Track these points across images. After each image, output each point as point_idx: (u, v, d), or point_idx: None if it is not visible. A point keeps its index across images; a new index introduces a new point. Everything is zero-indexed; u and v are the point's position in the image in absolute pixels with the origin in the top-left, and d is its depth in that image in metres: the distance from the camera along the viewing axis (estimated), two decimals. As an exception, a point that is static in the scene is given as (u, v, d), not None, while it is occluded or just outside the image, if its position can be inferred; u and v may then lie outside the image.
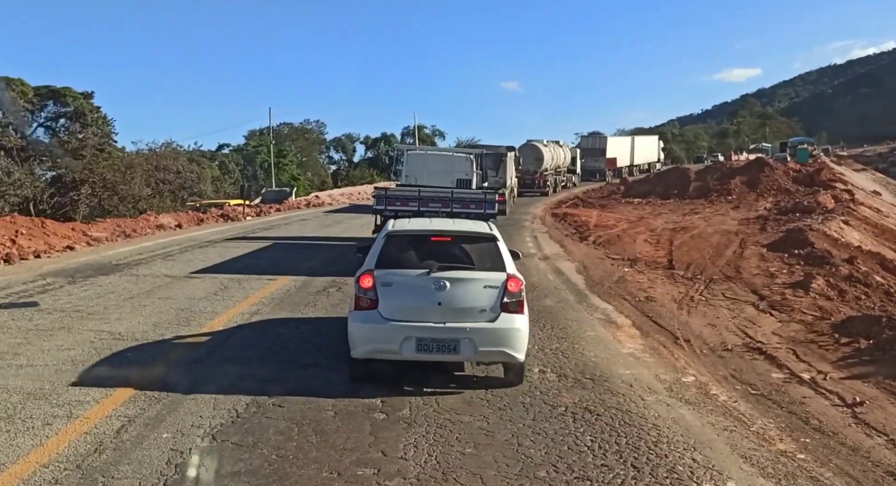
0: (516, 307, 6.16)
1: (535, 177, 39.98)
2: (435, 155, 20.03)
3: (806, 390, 6.65)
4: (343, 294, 10.37)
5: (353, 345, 6.12)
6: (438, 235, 6.82)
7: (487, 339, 6.01)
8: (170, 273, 12.21)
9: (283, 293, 10.59)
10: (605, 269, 13.88)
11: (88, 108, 39.91)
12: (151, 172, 44.65)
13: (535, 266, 14.11)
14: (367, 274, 6.18)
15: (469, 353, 6.07)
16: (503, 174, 26.58)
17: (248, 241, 17.74)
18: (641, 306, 10.42)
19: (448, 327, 5.98)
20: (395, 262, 6.28)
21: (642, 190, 38.70)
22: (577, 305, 10.41)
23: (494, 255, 6.43)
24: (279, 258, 14.48)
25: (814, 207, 23.98)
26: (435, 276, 6.05)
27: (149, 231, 18.91)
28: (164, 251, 15.24)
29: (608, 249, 17.12)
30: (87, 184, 34.66)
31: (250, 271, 12.55)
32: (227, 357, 7.08)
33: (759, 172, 35.10)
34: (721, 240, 17.33)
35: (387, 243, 6.48)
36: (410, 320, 6.00)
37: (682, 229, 20.75)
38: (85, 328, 8.07)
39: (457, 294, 6.05)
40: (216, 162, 62.98)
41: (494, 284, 6.13)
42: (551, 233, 21.38)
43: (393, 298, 6.08)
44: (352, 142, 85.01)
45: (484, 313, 6.06)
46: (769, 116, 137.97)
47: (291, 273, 12.37)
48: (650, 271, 13.62)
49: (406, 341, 5.94)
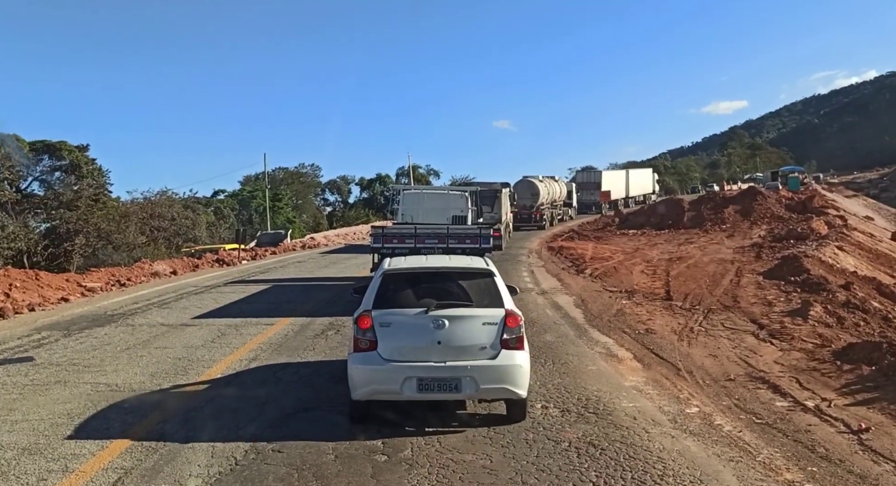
0: (516, 344, 6.15)
1: (532, 211, 40.89)
2: (430, 193, 20.36)
3: (811, 417, 6.58)
4: (342, 337, 10.32)
5: (354, 387, 6.06)
6: (435, 272, 6.80)
7: (489, 376, 5.97)
8: (166, 322, 12.13)
9: (282, 338, 10.52)
10: (603, 302, 13.86)
11: (84, 160, 40.24)
12: (146, 220, 44.86)
13: (533, 301, 14.09)
14: (364, 315, 6.14)
15: (471, 391, 6.01)
16: (498, 210, 26.89)
17: (244, 285, 17.69)
18: (642, 338, 10.38)
19: (449, 365, 5.95)
20: (392, 301, 6.26)
21: (637, 221, 38.90)
22: (577, 339, 10.36)
23: (492, 291, 6.42)
24: (276, 302, 14.41)
25: (807, 234, 24.14)
26: (433, 314, 6.03)
27: (144, 279, 18.77)
28: (159, 299, 15.15)
29: (605, 281, 17.12)
30: (81, 234, 34.76)
31: (247, 316, 12.49)
32: (226, 405, 6.99)
33: (752, 200, 35.40)
34: (717, 269, 17.37)
35: (383, 282, 6.44)
36: (410, 360, 5.97)
37: (678, 259, 20.79)
38: (81, 381, 7.99)
39: (456, 332, 6.02)
40: (211, 208, 63.28)
41: (493, 320, 6.12)
42: (548, 267, 21.39)
43: (392, 338, 6.04)
44: (346, 183, 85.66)
45: (484, 351, 6.03)
46: (759, 147, 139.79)
47: (289, 316, 12.32)
48: (648, 302, 13.60)
49: (407, 382, 5.91)
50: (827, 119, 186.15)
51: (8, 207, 33.56)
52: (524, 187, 40.73)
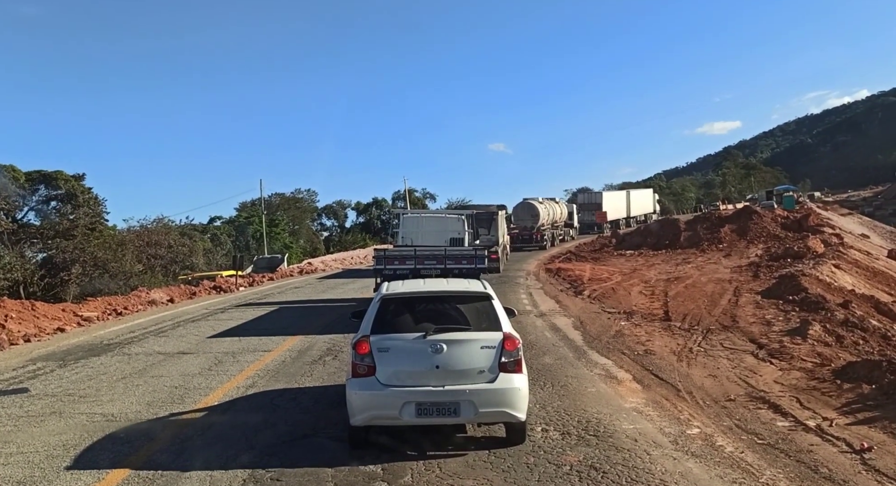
0: (514, 367, 6.11)
1: (533, 232, 41.87)
2: (428, 217, 21.54)
3: (812, 437, 6.55)
4: (339, 362, 10.27)
5: (353, 413, 6.02)
6: (433, 296, 6.78)
7: (487, 400, 5.94)
8: (163, 350, 12.06)
9: (279, 364, 10.46)
10: (601, 323, 13.83)
11: (80, 189, 40.33)
12: (143, 249, 44.82)
13: (531, 323, 14.06)
14: (363, 340, 6.11)
15: (470, 415, 5.97)
16: (495, 232, 26.97)
17: (240, 311, 17.64)
18: (641, 359, 10.34)
19: (447, 389, 5.91)
20: (390, 326, 6.24)
21: (634, 242, 38.96)
22: (576, 361, 10.32)
23: (490, 314, 6.41)
24: (273, 328, 14.33)
25: (804, 252, 24.16)
26: (431, 339, 6.01)
27: (140, 308, 18.65)
28: (156, 327, 15.06)
29: (604, 302, 17.10)
30: (77, 263, 34.71)
31: (244, 343, 12.44)
32: (223, 433, 6.93)
33: (748, 219, 35.51)
34: (715, 289, 17.37)
35: (381, 306, 6.43)
36: (409, 384, 5.94)
37: (676, 280, 20.80)
38: (77, 412, 7.91)
39: (454, 356, 5.99)
40: (208, 235, 63.30)
41: (491, 344, 6.09)
42: (546, 288, 21.37)
43: (390, 363, 6.01)
44: (343, 208, 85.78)
45: (482, 374, 6.00)
46: (753, 167, 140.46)
47: (286, 343, 12.27)
48: (647, 323, 13.57)
49: (406, 406, 5.87)
50: (820, 138, 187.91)
51: (4, 238, 33.54)
52: (525, 209, 42.00)
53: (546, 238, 43.17)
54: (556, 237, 46.47)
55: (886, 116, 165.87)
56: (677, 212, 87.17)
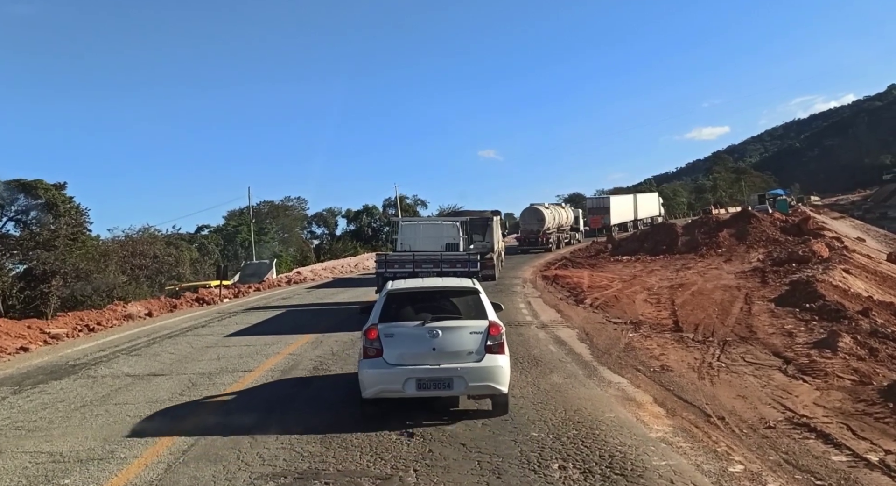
0: (498, 349, 7.19)
1: (538, 235, 44.41)
2: (425, 224, 22.18)
3: (879, 476, 5.59)
4: (325, 383, 9.28)
5: (364, 387, 7.07)
6: (430, 291, 7.94)
7: (476, 376, 7.03)
8: (133, 372, 10.97)
9: (258, 389, 9.42)
10: (608, 335, 12.88)
11: (61, 198, 39.01)
12: (127, 259, 43.69)
13: (533, 336, 13.09)
14: (372, 328, 7.19)
15: (461, 388, 7.07)
16: (490, 238, 26.24)
17: (222, 325, 16.59)
18: (658, 377, 9.38)
19: (442, 367, 7.01)
20: (395, 316, 7.33)
21: (630, 247, 38.16)
22: (587, 380, 9.34)
23: (478, 305, 7.50)
24: (255, 346, 13.25)
25: (809, 257, 23.37)
26: (429, 326, 7.14)
27: (115, 322, 17.45)
28: (129, 345, 13.96)
29: (607, 312, 16.16)
30: (58, 275, 33.54)
31: (223, 364, 11.38)
32: (192, 474, 5.88)
33: (747, 223, 34.78)
34: (724, 296, 16.47)
35: (387, 300, 7.54)
36: (411, 364, 7.02)
37: (680, 287, 19.92)
38: (20, 450, 6.84)
39: (448, 340, 7.10)
40: (195, 244, 62.12)
41: (479, 330, 7.19)
42: (545, 297, 20.44)
43: (395, 346, 7.09)
44: (333, 216, 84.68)
45: (471, 355, 7.09)
46: (743, 171, 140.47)
47: (268, 364, 11.20)
48: (657, 334, 12.64)
49: (408, 382, 6.97)
50: (808, 143, 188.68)
51: (-19, 249, 32.34)
52: (531, 214, 44.95)
53: (552, 241, 45.19)
54: (562, 240, 48.32)
55: (873, 119, 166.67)
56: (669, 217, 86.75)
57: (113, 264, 40.01)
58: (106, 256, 41.06)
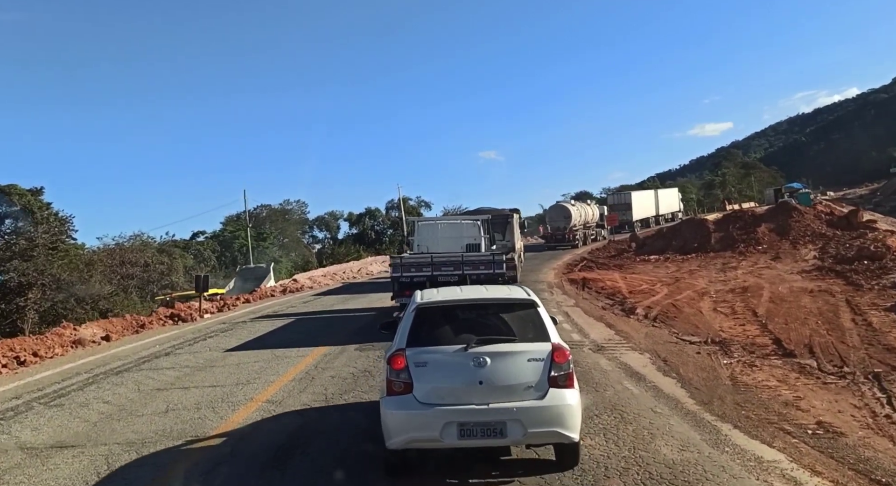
0: (565, 381, 5.50)
1: (566, 232, 44.74)
2: (444, 223, 20.42)
3: None
4: (319, 450, 6.26)
5: (388, 435, 5.41)
6: (473, 304, 6.07)
7: (537, 419, 5.33)
8: (34, 440, 7.61)
9: (209, 469, 6.33)
10: (696, 362, 9.77)
11: (37, 205, 36.12)
12: (114, 268, 40.86)
13: (593, 364, 9.99)
14: (398, 354, 5.54)
15: (518, 435, 5.34)
16: (510, 237, 24.24)
17: (191, 353, 13.19)
18: (830, 449, 6.05)
19: (492, 408, 5.32)
20: (427, 338, 5.67)
21: (657, 246, 35.16)
22: (716, 452, 6.03)
23: (536, 323, 5.80)
24: (224, 387, 9.81)
25: (882, 253, 20.31)
26: (473, 351, 5.45)
27: (59, 351, 13.65)
28: (58, 388, 10.62)
29: (672, 326, 13.10)
30: (35, 287, 30.67)
31: (169, 420, 8.03)
32: None
33: (788, 217, 31.74)
34: (817, 304, 13.40)
35: (417, 317, 5.85)
36: (450, 402, 5.36)
37: (743, 291, 16.89)
38: None
39: (499, 370, 5.42)
40: (191, 251, 59.38)
41: (539, 356, 5.51)
42: (582, 305, 17.39)
43: (429, 379, 5.44)
44: (335, 219, 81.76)
45: (530, 390, 5.42)
46: (753, 166, 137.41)
47: (236, 419, 7.91)
48: (762, 360, 9.56)
49: (447, 427, 5.28)
50: (813, 137, 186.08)
51: (-53, 261, 29.53)
52: (557, 211, 45.59)
53: (578, 238, 45.35)
54: (588, 237, 48.25)
55: (879, 113, 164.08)
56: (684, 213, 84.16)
57: (98, 274, 37.16)
58: (91, 265, 38.17)
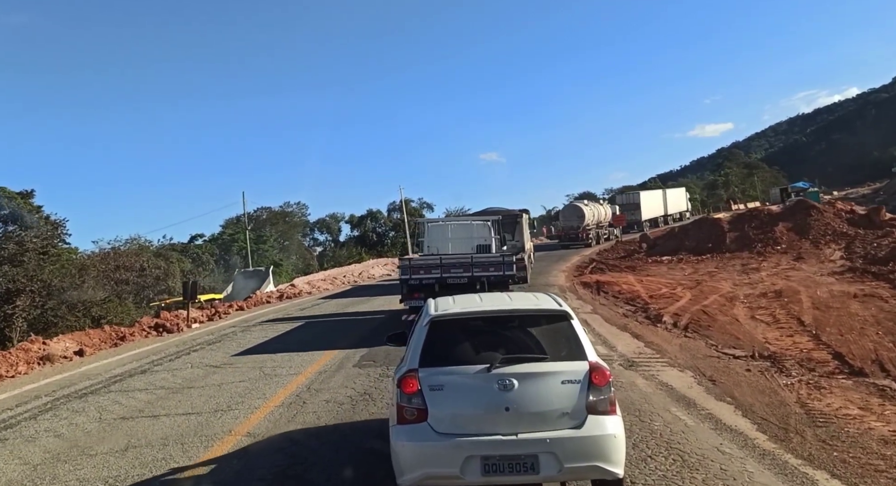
0: (606, 407, 4.61)
1: (579, 232, 45.34)
2: (455, 224, 20.06)
3: None
4: None
5: (400, 471, 4.57)
6: (496, 316, 5.09)
7: (574, 451, 4.48)
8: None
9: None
10: (749, 383, 8.50)
11: (28, 208, 34.94)
12: (108, 273, 39.69)
13: (628, 384, 8.72)
14: (409, 376, 4.69)
15: (552, 471, 4.47)
16: (520, 237, 23.55)
17: (170, 370, 11.94)
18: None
19: (522, 439, 4.50)
20: (444, 356, 4.80)
21: (669, 246, 33.90)
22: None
23: (570, 338, 4.85)
24: (202, 414, 8.63)
25: (918, 253, 19.08)
26: (497, 372, 4.61)
27: (22, 369, 12.38)
28: (8, 416, 9.30)
29: (708, 336, 11.85)
30: (24, 294, 29.50)
31: (124, 466, 6.63)
32: None
33: (807, 216, 30.49)
34: (871, 311, 12.14)
35: (431, 331, 4.92)
36: (472, 432, 4.55)
37: (776, 295, 15.65)
38: None
39: (528, 394, 4.58)
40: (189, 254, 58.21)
41: (575, 377, 4.63)
42: (601, 312, 16.11)
43: (446, 405, 4.61)
44: (336, 222, 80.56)
45: (566, 418, 4.57)
46: (756, 166, 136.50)
47: (199, 469, 6.57)
48: (828, 381, 8.30)
49: (469, 462, 4.46)
50: (814, 137, 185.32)
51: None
52: (571, 211, 46.27)
53: (591, 237, 45.83)
54: (601, 236, 48.57)
55: (879, 113, 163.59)
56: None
57: (91, 279, 35.99)
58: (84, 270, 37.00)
